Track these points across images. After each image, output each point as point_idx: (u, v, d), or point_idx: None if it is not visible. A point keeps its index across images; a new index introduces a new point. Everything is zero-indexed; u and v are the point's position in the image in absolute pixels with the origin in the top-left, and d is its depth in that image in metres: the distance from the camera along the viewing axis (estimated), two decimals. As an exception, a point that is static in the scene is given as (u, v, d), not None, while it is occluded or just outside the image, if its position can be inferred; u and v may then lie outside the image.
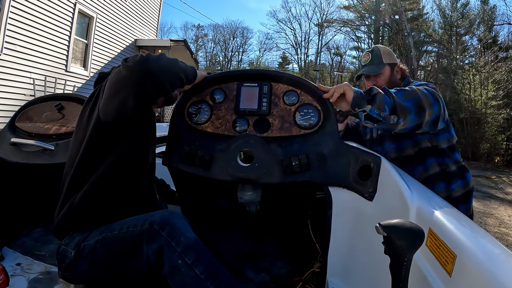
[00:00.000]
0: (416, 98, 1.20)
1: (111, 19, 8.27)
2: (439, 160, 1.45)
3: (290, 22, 35.30)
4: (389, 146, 1.52)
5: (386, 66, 1.54)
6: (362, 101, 1.12)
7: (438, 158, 1.45)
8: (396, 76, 1.56)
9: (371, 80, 1.55)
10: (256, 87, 1.21)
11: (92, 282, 1.01)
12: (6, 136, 1.46)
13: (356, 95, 1.11)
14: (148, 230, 0.90)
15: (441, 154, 1.45)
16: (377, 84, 1.49)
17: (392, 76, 1.55)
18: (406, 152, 1.48)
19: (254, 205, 1.21)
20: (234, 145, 1.12)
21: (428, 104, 1.21)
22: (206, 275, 0.85)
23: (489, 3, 16.35)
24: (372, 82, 1.53)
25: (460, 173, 1.48)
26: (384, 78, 1.53)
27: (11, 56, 5.62)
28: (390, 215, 0.90)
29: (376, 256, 0.87)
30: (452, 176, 1.46)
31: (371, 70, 1.54)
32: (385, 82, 1.52)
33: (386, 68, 1.54)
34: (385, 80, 1.53)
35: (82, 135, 1.01)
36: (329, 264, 1.11)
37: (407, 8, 19.61)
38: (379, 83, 1.51)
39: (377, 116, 1.13)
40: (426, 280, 0.70)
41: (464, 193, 1.48)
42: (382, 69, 1.53)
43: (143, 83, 0.88)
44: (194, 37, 31.95)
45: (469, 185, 1.49)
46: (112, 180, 0.98)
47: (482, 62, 12.51)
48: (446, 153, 1.45)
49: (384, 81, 1.53)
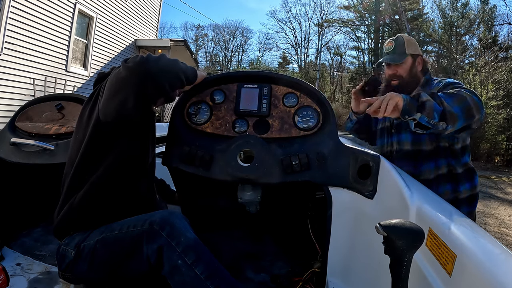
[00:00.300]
0: (466, 104, 1.19)
1: (111, 19, 8.27)
2: (448, 161, 1.45)
3: (290, 22, 35.40)
4: (405, 137, 1.50)
5: (408, 56, 1.50)
6: (412, 109, 1.12)
7: (448, 158, 1.45)
8: (417, 68, 1.52)
9: (391, 68, 1.52)
10: (256, 89, 1.22)
11: (92, 282, 1.01)
12: (6, 136, 1.46)
13: (406, 103, 1.11)
14: (148, 230, 0.90)
15: (452, 155, 1.45)
16: (397, 74, 1.49)
17: (413, 67, 1.51)
18: (422, 147, 1.46)
19: (254, 205, 1.21)
20: (234, 145, 1.12)
21: (477, 111, 1.21)
22: (206, 275, 0.85)
23: (489, 3, 16.36)
24: (393, 71, 1.51)
25: (469, 176, 1.47)
26: (405, 68, 1.50)
27: (11, 56, 5.62)
28: (390, 215, 0.90)
29: (376, 256, 0.87)
30: (459, 178, 1.45)
31: (392, 58, 1.51)
32: (406, 72, 1.50)
33: (408, 58, 1.50)
34: (405, 71, 1.50)
35: (82, 135, 1.01)
36: (329, 264, 1.11)
37: (407, 8, 19.62)
38: (399, 73, 1.50)
39: (426, 123, 1.13)
40: (426, 280, 0.70)
41: (469, 196, 1.46)
42: (404, 58, 1.49)
43: (143, 84, 0.88)
44: (194, 37, 32.03)
45: (476, 189, 1.48)
46: (112, 180, 0.98)
47: (482, 62, 12.50)
48: (457, 154, 1.45)
49: (405, 71, 1.50)
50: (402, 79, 1.49)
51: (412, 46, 1.52)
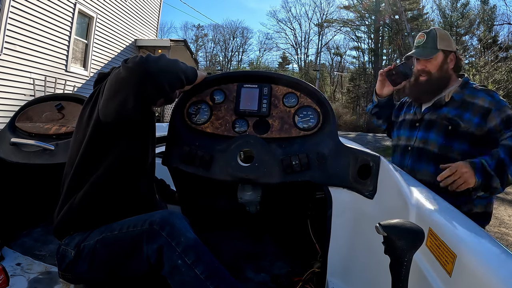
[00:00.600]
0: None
1: (111, 19, 8.27)
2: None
3: (290, 22, 35.43)
4: (435, 138, 1.39)
5: (440, 52, 1.42)
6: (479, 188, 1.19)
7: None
8: (449, 65, 1.44)
9: (420, 63, 1.45)
10: (256, 89, 1.22)
11: (92, 282, 1.01)
12: (6, 136, 1.46)
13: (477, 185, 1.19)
14: (148, 230, 0.90)
15: None
16: (426, 69, 1.43)
17: (444, 64, 1.43)
18: (450, 154, 1.36)
19: (254, 205, 1.21)
20: (234, 145, 1.12)
21: None
22: (206, 275, 0.85)
23: (489, 3, 16.39)
24: (422, 66, 1.44)
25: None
26: (435, 65, 1.42)
27: (11, 56, 5.62)
28: (390, 215, 0.90)
29: (376, 256, 0.87)
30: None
31: (422, 53, 1.43)
32: (435, 68, 1.42)
33: (439, 54, 1.42)
34: (435, 67, 1.42)
35: (82, 135, 1.01)
36: (329, 264, 1.11)
37: (407, 8, 19.62)
38: (428, 68, 1.43)
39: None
40: (426, 280, 0.70)
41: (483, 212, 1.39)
42: (434, 54, 1.42)
43: (143, 84, 0.88)
44: (194, 37, 32.03)
45: (491, 207, 1.41)
46: (112, 180, 0.98)
47: (482, 62, 12.53)
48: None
49: (435, 67, 1.42)
50: (430, 75, 1.43)
51: (445, 41, 1.44)
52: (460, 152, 1.35)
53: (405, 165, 1.48)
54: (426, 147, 1.41)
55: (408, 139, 1.50)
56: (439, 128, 1.38)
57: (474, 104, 1.33)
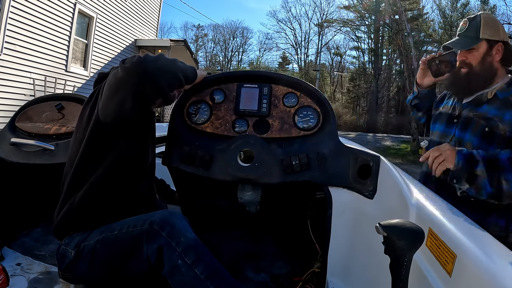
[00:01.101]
0: None
1: (111, 19, 8.27)
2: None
3: (290, 22, 35.35)
4: (470, 139, 1.24)
5: (483, 41, 1.24)
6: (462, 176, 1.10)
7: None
8: (494, 57, 1.25)
9: (461, 54, 1.29)
10: (256, 88, 1.21)
11: (92, 282, 1.01)
12: (6, 136, 1.46)
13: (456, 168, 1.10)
14: (148, 230, 0.90)
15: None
16: (466, 61, 1.27)
17: (487, 55, 1.24)
18: None
19: (254, 205, 1.21)
20: (234, 145, 1.12)
21: None
22: (206, 275, 0.85)
23: (489, 3, 16.39)
24: (462, 57, 1.28)
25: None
26: (477, 56, 1.25)
27: (11, 56, 5.62)
28: (390, 215, 0.90)
29: (376, 256, 0.87)
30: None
31: (460, 43, 1.28)
32: (477, 61, 1.25)
33: (482, 44, 1.24)
34: (476, 59, 1.25)
35: (81, 135, 1.01)
36: (329, 264, 1.11)
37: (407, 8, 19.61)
38: (469, 60, 1.26)
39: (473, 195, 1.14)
40: (426, 280, 0.70)
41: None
42: (475, 44, 1.24)
43: (141, 84, 0.88)
44: (194, 37, 32.00)
45: None
46: (112, 180, 0.98)
47: (482, 62, 12.50)
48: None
49: (476, 59, 1.25)
50: (471, 68, 1.26)
51: (490, 29, 1.25)
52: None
53: None
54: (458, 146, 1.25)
55: (443, 136, 1.34)
56: (475, 128, 1.23)
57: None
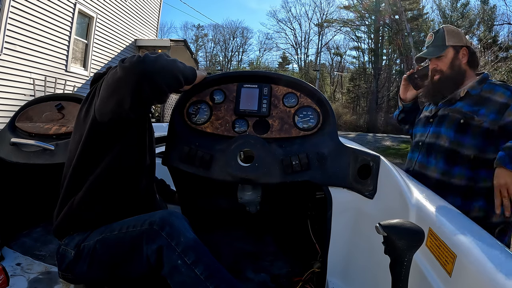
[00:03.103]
0: None
1: (111, 19, 8.26)
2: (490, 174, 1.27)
3: (290, 22, 35.27)
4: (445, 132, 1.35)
5: (449, 48, 1.39)
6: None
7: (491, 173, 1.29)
8: (461, 60, 1.39)
9: (432, 63, 1.44)
10: (256, 89, 1.22)
11: (92, 282, 1.01)
12: (6, 136, 1.46)
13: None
14: (147, 230, 0.90)
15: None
16: (437, 68, 1.41)
17: (455, 59, 1.39)
18: (461, 149, 1.30)
19: (254, 205, 1.21)
20: (234, 145, 1.12)
21: None
22: (206, 275, 0.85)
23: (489, 3, 16.40)
24: (433, 65, 1.43)
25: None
26: (446, 62, 1.40)
27: (11, 56, 5.62)
28: (390, 215, 0.90)
29: (376, 256, 0.87)
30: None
31: (430, 52, 1.42)
32: (446, 66, 1.39)
33: (449, 50, 1.39)
34: (446, 64, 1.39)
35: (79, 135, 1.01)
36: (329, 264, 1.11)
37: (407, 8, 19.62)
38: (439, 67, 1.40)
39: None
40: (426, 280, 0.70)
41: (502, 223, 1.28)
42: (443, 51, 1.39)
43: (140, 85, 0.87)
44: (194, 37, 31.99)
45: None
46: (111, 180, 0.98)
47: (482, 62, 12.52)
48: None
49: (445, 64, 1.39)
50: (443, 73, 1.40)
51: (454, 37, 1.40)
52: (471, 147, 1.29)
53: (413, 159, 1.46)
54: (437, 142, 1.37)
55: (421, 135, 1.47)
56: (451, 121, 1.34)
57: (491, 100, 1.28)
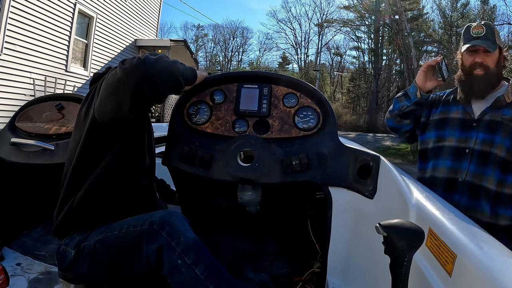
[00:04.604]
0: None
1: (111, 19, 8.26)
2: None
3: (290, 22, 35.17)
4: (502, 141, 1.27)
5: (498, 47, 1.32)
6: None
7: None
8: (501, 62, 1.34)
9: (480, 56, 1.32)
10: (256, 89, 1.22)
11: (92, 282, 1.01)
12: (6, 136, 1.46)
13: None
14: (148, 230, 0.90)
15: None
16: (484, 63, 1.31)
17: (500, 60, 1.34)
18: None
19: (254, 205, 1.21)
20: (234, 145, 1.12)
21: None
22: (206, 275, 0.85)
23: (489, 3, 16.39)
24: (480, 59, 1.32)
25: None
26: (494, 59, 1.32)
27: (11, 56, 5.62)
28: (390, 215, 0.90)
29: (376, 256, 0.87)
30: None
31: (488, 44, 1.30)
32: (494, 64, 1.32)
33: (497, 49, 1.32)
34: (494, 62, 1.32)
35: (78, 135, 1.01)
36: (329, 264, 1.11)
37: (407, 8, 19.62)
38: (487, 62, 1.31)
39: None
40: (426, 280, 0.70)
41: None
42: (495, 48, 1.31)
43: (140, 86, 0.87)
44: (194, 37, 31.97)
45: None
46: (111, 180, 0.98)
47: (482, 62, 12.50)
48: None
49: (493, 62, 1.32)
50: (488, 70, 1.30)
51: (499, 37, 1.35)
52: None
53: (463, 168, 1.32)
54: (491, 151, 1.28)
55: (461, 141, 1.34)
56: (506, 130, 1.27)
57: None
